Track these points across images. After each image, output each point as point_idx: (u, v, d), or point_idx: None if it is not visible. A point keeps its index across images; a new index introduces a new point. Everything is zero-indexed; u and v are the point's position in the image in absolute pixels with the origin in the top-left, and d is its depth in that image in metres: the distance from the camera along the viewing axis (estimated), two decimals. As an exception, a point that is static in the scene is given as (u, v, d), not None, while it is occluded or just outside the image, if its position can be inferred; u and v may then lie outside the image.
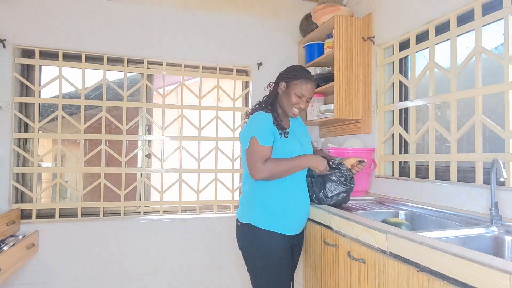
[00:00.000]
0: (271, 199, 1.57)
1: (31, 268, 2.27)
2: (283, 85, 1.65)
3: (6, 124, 2.26)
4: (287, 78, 1.65)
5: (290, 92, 1.62)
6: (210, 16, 2.67)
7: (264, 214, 1.56)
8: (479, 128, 1.58)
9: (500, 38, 1.56)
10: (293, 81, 1.63)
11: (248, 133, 1.55)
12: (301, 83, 1.63)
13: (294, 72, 1.65)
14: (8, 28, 2.27)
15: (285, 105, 1.64)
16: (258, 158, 1.51)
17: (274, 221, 1.56)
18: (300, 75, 1.63)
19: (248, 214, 1.60)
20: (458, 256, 0.90)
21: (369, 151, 2.17)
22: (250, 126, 1.58)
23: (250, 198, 1.61)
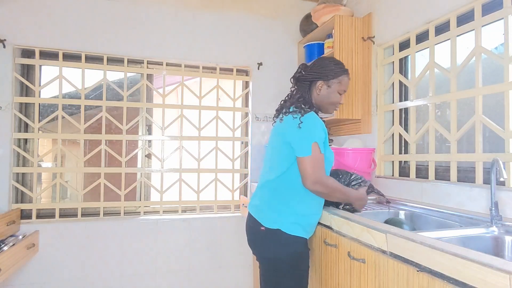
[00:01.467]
0: (302, 205, 1.50)
1: (31, 268, 2.27)
2: (322, 84, 1.54)
3: (6, 124, 2.26)
4: (326, 76, 1.53)
5: (332, 91, 1.54)
6: (210, 16, 2.67)
7: (294, 220, 1.49)
8: (479, 128, 1.57)
9: (500, 38, 1.56)
10: (336, 78, 1.54)
11: (310, 137, 1.42)
12: (343, 80, 1.55)
13: (335, 69, 1.54)
14: (8, 28, 2.27)
15: (326, 104, 1.56)
16: (320, 167, 1.42)
17: (301, 227, 1.50)
18: (341, 71, 1.55)
19: (277, 219, 1.48)
20: (458, 256, 0.90)
21: (369, 151, 2.16)
22: (310, 129, 1.43)
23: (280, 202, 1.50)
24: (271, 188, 1.53)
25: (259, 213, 1.53)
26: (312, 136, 1.42)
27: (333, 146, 2.25)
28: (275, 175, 1.51)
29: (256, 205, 1.57)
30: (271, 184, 1.53)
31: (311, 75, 1.56)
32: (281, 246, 1.48)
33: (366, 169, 2.12)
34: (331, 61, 1.58)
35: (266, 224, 1.49)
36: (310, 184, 1.42)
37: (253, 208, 1.58)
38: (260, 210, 1.54)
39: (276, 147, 1.54)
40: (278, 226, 1.47)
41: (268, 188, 1.55)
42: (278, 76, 2.80)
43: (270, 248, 1.50)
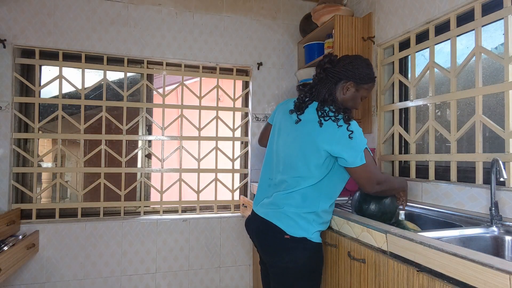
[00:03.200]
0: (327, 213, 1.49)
1: (31, 268, 2.27)
2: (352, 85, 1.45)
3: (6, 124, 2.26)
4: (359, 79, 1.45)
5: (359, 95, 1.49)
6: (210, 16, 2.67)
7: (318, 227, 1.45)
8: (479, 128, 1.58)
9: (500, 38, 1.56)
10: (364, 84, 1.47)
11: (361, 144, 1.36)
12: (370, 87, 1.51)
13: (370, 74, 1.48)
14: (8, 28, 2.27)
15: (349, 106, 1.48)
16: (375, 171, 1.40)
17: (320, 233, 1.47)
18: (373, 78, 1.49)
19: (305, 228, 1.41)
20: (458, 256, 0.90)
21: (369, 151, 2.16)
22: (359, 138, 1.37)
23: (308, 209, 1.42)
24: (300, 194, 1.42)
25: (282, 219, 1.42)
26: (362, 143, 1.37)
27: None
28: (310, 183, 1.41)
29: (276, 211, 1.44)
30: (304, 192, 1.42)
31: (343, 73, 1.45)
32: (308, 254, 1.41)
33: (366, 169, 2.11)
34: (367, 64, 1.49)
35: (291, 232, 1.39)
36: (372, 188, 1.41)
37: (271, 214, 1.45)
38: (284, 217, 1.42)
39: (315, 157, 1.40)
40: (304, 235, 1.39)
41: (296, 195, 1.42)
42: (278, 76, 2.80)
43: (295, 257, 1.40)
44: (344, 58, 1.49)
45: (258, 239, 1.51)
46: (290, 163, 1.46)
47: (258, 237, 1.51)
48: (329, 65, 1.47)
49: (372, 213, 1.52)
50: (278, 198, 1.46)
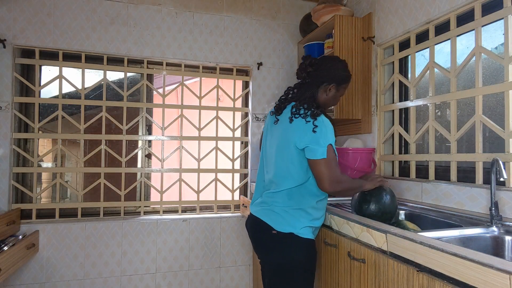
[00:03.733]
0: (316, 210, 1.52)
1: (31, 268, 2.27)
2: (334, 87, 1.57)
3: (6, 124, 2.26)
4: (338, 81, 1.57)
5: (339, 94, 1.61)
6: (210, 16, 2.67)
7: (308, 223, 1.49)
8: (479, 128, 1.58)
9: (500, 38, 1.56)
10: (343, 84, 1.60)
11: (325, 139, 1.41)
12: (348, 85, 1.63)
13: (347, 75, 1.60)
14: (8, 28, 2.27)
15: (327, 106, 1.60)
16: (333, 169, 1.41)
17: (311, 229, 1.51)
18: (350, 77, 1.62)
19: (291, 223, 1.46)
20: (458, 256, 0.90)
21: (369, 151, 2.16)
22: (325, 131, 1.42)
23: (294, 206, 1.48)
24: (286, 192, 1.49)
25: (270, 216, 1.50)
26: (327, 139, 1.42)
27: (333, 146, 2.25)
28: (295, 183, 1.48)
29: (266, 208, 1.52)
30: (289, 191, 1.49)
31: (325, 77, 1.55)
32: (295, 250, 1.46)
33: (366, 169, 2.12)
34: (344, 65, 1.60)
35: (278, 227, 1.46)
36: (328, 185, 1.41)
37: (261, 212, 1.54)
38: (272, 214, 1.50)
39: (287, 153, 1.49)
40: (291, 230, 1.45)
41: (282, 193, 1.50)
42: (278, 76, 2.80)
43: (283, 252, 1.46)
44: (325, 61, 1.59)
45: (251, 236, 1.61)
46: (273, 163, 1.57)
47: (251, 234, 1.61)
48: (311, 69, 1.56)
49: (372, 213, 1.52)
50: (267, 196, 1.56)
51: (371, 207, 1.53)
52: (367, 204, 1.54)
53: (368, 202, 1.54)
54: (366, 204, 1.55)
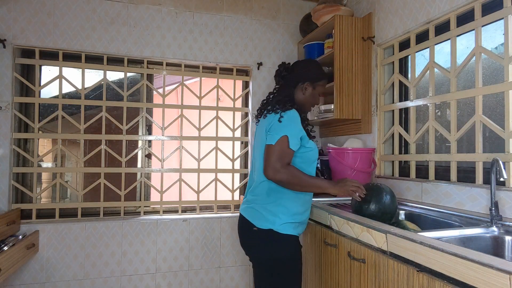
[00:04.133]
0: (295, 203, 1.53)
1: (31, 268, 2.27)
2: (309, 85, 1.64)
3: (6, 124, 2.26)
4: (312, 79, 1.64)
5: (315, 93, 1.65)
6: (210, 16, 2.67)
7: (287, 219, 1.50)
8: (479, 128, 1.58)
9: (500, 38, 1.56)
10: (319, 82, 1.65)
11: (281, 130, 1.46)
12: (324, 83, 1.67)
13: (321, 72, 1.67)
14: (8, 28, 2.27)
15: (307, 105, 1.66)
16: (280, 158, 1.43)
17: (292, 225, 1.52)
18: (324, 75, 1.66)
19: (270, 220, 1.49)
20: (458, 256, 0.90)
21: (369, 151, 2.17)
22: (285, 123, 1.48)
23: (273, 202, 1.51)
24: (264, 189, 1.54)
25: (251, 213, 1.55)
26: (284, 130, 1.46)
27: (333, 146, 2.26)
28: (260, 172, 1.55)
29: (248, 206, 1.58)
30: (264, 185, 1.54)
31: (299, 76, 1.64)
32: (275, 246, 1.49)
33: (366, 169, 2.12)
34: (317, 65, 1.69)
35: (258, 224, 1.51)
36: (266, 171, 1.45)
37: (245, 210, 1.59)
38: (253, 211, 1.55)
39: (261, 144, 1.57)
40: (270, 226, 1.49)
41: (261, 189, 1.56)
42: (278, 76, 2.80)
43: (264, 249, 1.51)
44: (298, 64, 1.71)
45: (239, 236, 1.66)
46: (254, 161, 1.66)
47: (239, 234, 1.66)
48: (286, 73, 1.66)
49: (372, 213, 1.52)
50: (250, 194, 1.62)
51: (371, 207, 1.53)
52: (367, 204, 1.55)
53: (368, 202, 1.55)
54: (366, 204, 1.55)
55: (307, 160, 1.57)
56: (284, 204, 1.51)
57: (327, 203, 1.92)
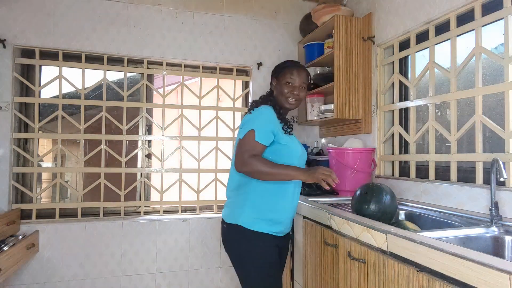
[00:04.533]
0: (263, 199, 1.50)
1: (31, 268, 2.27)
2: (274, 80, 1.67)
3: (6, 124, 2.26)
4: (275, 73, 1.67)
5: (281, 83, 1.62)
6: (210, 16, 2.67)
7: (254, 215, 1.49)
8: (479, 128, 1.58)
9: (500, 38, 1.56)
10: (280, 72, 1.64)
11: (249, 124, 1.49)
12: (288, 71, 1.62)
13: (281, 65, 1.69)
14: (8, 28, 2.27)
15: (280, 98, 1.62)
16: (246, 150, 1.45)
17: (263, 222, 1.50)
18: (285, 65, 1.66)
19: (236, 214, 1.52)
20: (458, 256, 0.90)
21: (369, 151, 2.17)
22: (252, 118, 1.52)
23: (240, 197, 1.54)
24: (234, 183, 1.58)
25: (224, 210, 1.62)
26: (251, 124, 1.48)
27: (333, 146, 2.26)
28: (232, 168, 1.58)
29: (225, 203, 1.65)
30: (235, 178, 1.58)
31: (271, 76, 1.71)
32: (241, 242, 1.50)
33: (366, 169, 2.12)
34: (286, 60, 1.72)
35: (227, 219, 1.55)
36: (238, 165, 1.46)
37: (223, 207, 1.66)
38: (225, 207, 1.62)
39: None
40: (236, 221, 1.51)
41: (231, 183, 1.61)
42: (278, 76, 2.80)
43: (232, 244, 1.54)
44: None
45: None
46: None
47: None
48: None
49: (372, 213, 1.52)
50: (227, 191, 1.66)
51: (371, 207, 1.53)
52: (367, 204, 1.55)
53: (368, 202, 1.55)
54: (366, 204, 1.55)
55: (283, 156, 1.52)
56: (251, 198, 1.51)
57: (327, 203, 1.92)
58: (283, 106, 1.63)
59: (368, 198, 1.56)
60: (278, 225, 1.55)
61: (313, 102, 2.61)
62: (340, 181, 2.13)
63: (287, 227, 1.61)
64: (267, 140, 1.49)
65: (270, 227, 1.52)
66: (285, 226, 1.58)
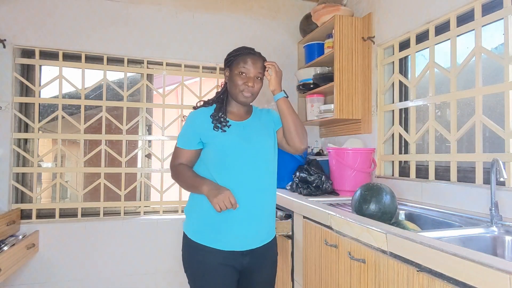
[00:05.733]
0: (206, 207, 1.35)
1: (31, 268, 2.27)
2: (227, 71, 1.47)
3: (6, 124, 2.26)
4: (228, 62, 1.47)
5: (233, 74, 1.43)
6: (210, 16, 2.67)
7: (198, 225, 1.40)
8: (479, 128, 1.57)
9: (500, 38, 1.56)
10: (233, 61, 1.44)
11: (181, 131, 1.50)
12: (241, 60, 1.42)
13: (233, 53, 1.47)
14: (8, 28, 2.27)
15: (233, 91, 1.44)
16: (172, 157, 1.47)
17: (208, 234, 1.37)
18: (238, 53, 1.45)
19: (185, 223, 1.48)
20: (458, 256, 0.90)
21: (369, 151, 2.16)
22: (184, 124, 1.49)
23: (188, 205, 1.49)
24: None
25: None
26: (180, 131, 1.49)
27: (333, 146, 2.26)
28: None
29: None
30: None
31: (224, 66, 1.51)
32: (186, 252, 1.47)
33: (366, 169, 2.12)
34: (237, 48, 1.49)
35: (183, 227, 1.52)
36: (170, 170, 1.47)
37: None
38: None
39: None
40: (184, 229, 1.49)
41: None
42: (278, 76, 2.79)
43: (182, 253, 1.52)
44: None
45: None
46: None
47: None
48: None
49: (372, 213, 1.52)
50: None
51: (371, 207, 1.53)
52: (367, 204, 1.55)
53: (368, 202, 1.55)
54: (366, 204, 1.55)
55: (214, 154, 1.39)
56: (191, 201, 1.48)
57: (327, 203, 1.92)
58: (237, 100, 1.45)
59: (368, 198, 1.56)
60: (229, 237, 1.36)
61: (313, 102, 2.61)
62: (340, 181, 2.15)
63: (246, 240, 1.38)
64: (188, 144, 1.42)
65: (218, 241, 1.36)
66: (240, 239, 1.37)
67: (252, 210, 1.38)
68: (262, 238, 1.44)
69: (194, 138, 1.42)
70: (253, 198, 1.38)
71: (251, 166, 1.39)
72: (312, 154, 2.75)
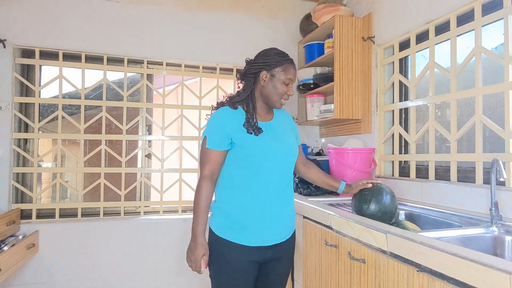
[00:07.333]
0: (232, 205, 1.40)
1: (31, 268, 2.27)
2: (265, 74, 1.43)
3: (6, 124, 2.26)
4: (268, 66, 1.43)
5: (276, 81, 1.42)
6: (210, 16, 2.67)
7: (224, 221, 1.42)
8: (479, 128, 1.57)
9: (500, 38, 1.56)
10: (276, 68, 1.43)
11: (204, 131, 1.45)
12: (286, 69, 1.44)
13: (276, 58, 1.44)
14: (8, 28, 2.27)
15: (272, 96, 1.44)
16: (204, 161, 1.41)
17: (233, 230, 1.39)
18: (283, 60, 1.44)
19: (211, 218, 1.49)
20: (458, 256, 0.90)
21: (369, 151, 2.16)
22: (207, 123, 1.46)
23: (216, 201, 1.49)
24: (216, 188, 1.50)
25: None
26: (206, 131, 1.44)
27: (333, 146, 2.25)
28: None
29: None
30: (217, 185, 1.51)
31: (255, 67, 1.46)
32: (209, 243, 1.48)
33: (366, 169, 2.12)
34: (273, 51, 1.49)
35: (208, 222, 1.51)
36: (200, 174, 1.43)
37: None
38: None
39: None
40: (210, 225, 1.50)
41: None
42: (278, 76, 2.80)
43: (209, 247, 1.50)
44: (256, 55, 1.53)
45: None
46: None
47: None
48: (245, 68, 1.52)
49: (372, 213, 1.52)
50: None
51: (371, 207, 1.53)
52: (367, 204, 1.55)
53: (368, 202, 1.55)
54: (366, 204, 1.55)
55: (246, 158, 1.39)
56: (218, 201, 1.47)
57: (327, 203, 1.92)
58: (273, 105, 1.47)
59: (368, 198, 1.56)
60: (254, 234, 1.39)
61: (313, 102, 2.61)
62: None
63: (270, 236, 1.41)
64: (219, 144, 1.39)
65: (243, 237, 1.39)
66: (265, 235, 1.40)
67: (278, 206, 1.42)
68: (286, 233, 1.47)
69: (226, 139, 1.39)
70: (280, 195, 1.43)
71: (281, 165, 1.44)
72: (312, 154, 2.75)
